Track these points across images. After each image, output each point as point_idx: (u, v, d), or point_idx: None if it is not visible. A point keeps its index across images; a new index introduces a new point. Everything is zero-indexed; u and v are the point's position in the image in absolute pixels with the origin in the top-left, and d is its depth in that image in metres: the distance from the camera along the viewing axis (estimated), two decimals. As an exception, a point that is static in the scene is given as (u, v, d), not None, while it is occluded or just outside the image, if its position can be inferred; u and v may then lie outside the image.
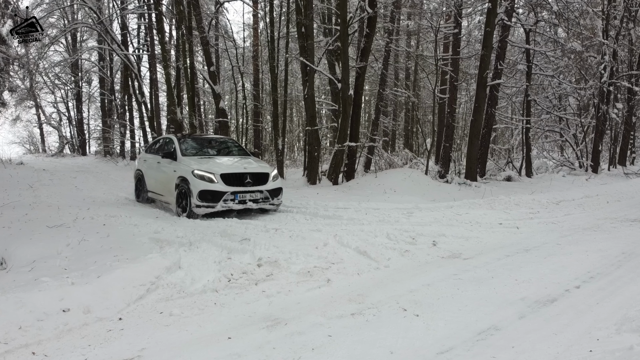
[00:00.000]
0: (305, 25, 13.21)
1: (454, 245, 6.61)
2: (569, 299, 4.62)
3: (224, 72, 25.67)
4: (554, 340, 3.68)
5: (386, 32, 18.76)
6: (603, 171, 19.85)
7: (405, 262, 5.80)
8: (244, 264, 5.30)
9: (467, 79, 22.09)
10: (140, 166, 10.79)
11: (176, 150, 9.50)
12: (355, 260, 5.70)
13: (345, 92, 13.27)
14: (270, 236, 6.64)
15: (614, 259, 6.17)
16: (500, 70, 16.02)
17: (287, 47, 16.28)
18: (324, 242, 6.18)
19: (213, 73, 14.69)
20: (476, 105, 14.77)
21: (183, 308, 4.23)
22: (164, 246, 5.86)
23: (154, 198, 10.21)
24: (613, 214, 9.68)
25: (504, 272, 5.49)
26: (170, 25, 21.33)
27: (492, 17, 14.16)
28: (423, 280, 5.10)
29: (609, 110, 19.07)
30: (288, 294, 4.65)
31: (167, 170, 9.38)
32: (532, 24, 16.81)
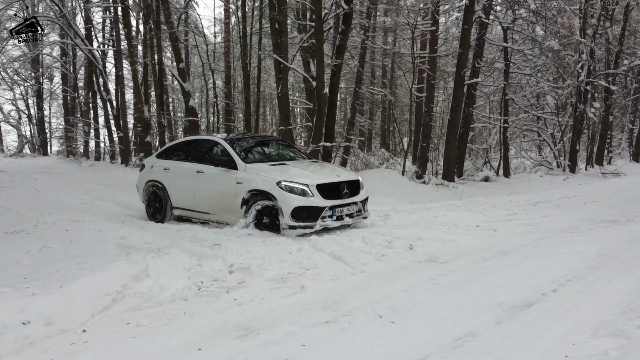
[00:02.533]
0: (279, 22, 13.19)
1: (432, 249, 6.70)
2: (546, 303, 4.73)
3: (194, 68, 25.48)
4: (531, 346, 3.76)
5: (362, 28, 18.87)
6: (580, 171, 20.30)
7: (381, 266, 5.86)
8: (215, 270, 5.29)
9: (445, 77, 22.36)
10: (157, 177, 8.95)
11: (232, 156, 7.96)
12: (330, 265, 5.74)
13: (320, 91, 13.30)
14: (242, 241, 6.63)
15: (591, 261, 6.32)
16: (478, 68, 16.26)
17: (260, 44, 16.24)
18: (298, 247, 6.21)
19: (182, 70, 14.58)
20: (454, 105, 14.97)
21: (151, 318, 4.20)
22: (131, 253, 5.80)
23: (187, 217, 8.70)
24: (590, 215, 9.92)
25: (481, 276, 5.58)
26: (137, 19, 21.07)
27: (470, 15, 14.37)
28: (400, 286, 5.15)
29: (586, 109, 19.52)
30: (261, 301, 4.65)
31: (223, 183, 7.87)
32: (509, 22, 17.10)
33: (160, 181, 8.87)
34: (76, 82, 27.09)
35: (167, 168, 8.85)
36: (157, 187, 8.91)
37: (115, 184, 13.90)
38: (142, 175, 9.32)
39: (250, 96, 16.19)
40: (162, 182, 8.83)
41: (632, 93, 26.71)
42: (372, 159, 22.54)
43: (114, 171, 16.59)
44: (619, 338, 3.76)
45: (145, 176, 9.20)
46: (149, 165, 9.30)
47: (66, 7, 19.75)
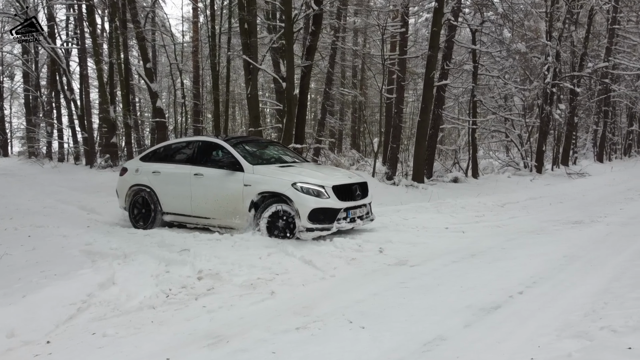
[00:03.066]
0: (248, 22, 13.13)
1: (401, 252, 6.78)
2: (513, 306, 4.84)
3: (162, 67, 25.17)
4: (498, 349, 3.85)
5: (332, 29, 18.95)
6: (547, 171, 20.80)
7: (351, 270, 5.90)
8: (183, 277, 5.25)
9: (415, 79, 22.61)
10: (145, 181, 8.54)
11: (237, 158, 7.77)
12: (300, 270, 5.75)
13: (290, 92, 13.30)
14: (211, 246, 6.59)
15: (556, 262, 6.49)
16: (447, 70, 16.49)
17: (229, 43, 16.15)
18: (268, 252, 6.20)
19: (150, 70, 14.39)
20: (423, 106, 15.15)
21: (118, 327, 4.14)
22: (96, 259, 5.70)
23: (180, 222, 8.39)
24: (556, 216, 10.19)
25: (450, 278, 5.68)
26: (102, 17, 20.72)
27: (439, 17, 14.56)
28: (370, 290, 5.20)
29: (552, 111, 19.99)
30: (230, 308, 4.63)
31: (228, 185, 7.65)
32: (478, 24, 17.40)
33: (148, 185, 8.48)
34: (38, 81, 26.48)
35: (156, 171, 8.46)
36: (145, 192, 8.51)
37: (79, 187, 13.63)
38: (124, 179, 8.84)
39: (219, 97, 16.08)
40: (150, 187, 8.46)
41: (596, 95, 27.47)
42: (343, 159, 22.64)
43: (78, 173, 16.27)
44: (583, 340, 3.88)
45: (129, 180, 8.74)
46: (133, 168, 8.83)
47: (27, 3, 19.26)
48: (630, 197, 13.29)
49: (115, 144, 17.15)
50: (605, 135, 29.33)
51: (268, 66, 18.64)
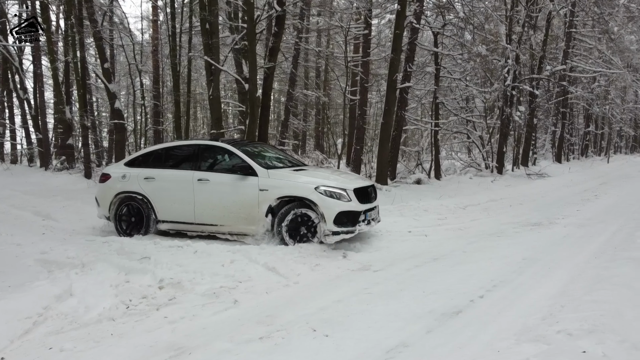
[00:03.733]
0: (209, 22, 13.03)
1: (365, 257, 6.86)
2: (474, 310, 4.96)
3: (121, 66, 24.71)
4: (459, 354, 3.95)
5: (295, 29, 18.98)
6: (507, 172, 21.29)
7: (315, 276, 5.94)
8: (144, 286, 5.19)
9: (378, 80, 22.83)
10: (135, 188, 8.11)
11: (248, 162, 7.59)
12: (264, 277, 5.75)
13: (253, 94, 13.25)
14: (173, 253, 6.51)
15: (516, 265, 6.68)
16: (409, 72, 16.71)
17: (190, 43, 15.96)
18: (230, 259, 6.17)
19: (107, 70, 14.10)
20: (386, 108, 15.30)
21: (76, 341, 4.07)
22: (53, 270, 5.56)
23: (178, 230, 8.09)
24: (516, 218, 10.47)
25: (413, 283, 5.78)
26: (57, 14, 20.16)
27: (402, 20, 14.73)
28: (333, 296, 5.25)
29: (512, 113, 20.49)
30: (193, 318, 4.61)
31: (241, 191, 7.47)
32: (439, 27, 17.69)
33: (139, 192, 8.07)
34: (-12, 80, 25.56)
35: (150, 177, 8.08)
36: (136, 200, 8.10)
37: (34, 190, 13.23)
38: (107, 186, 8.34)
39: (180, 97, 15.90)
40: (143, 194, 8.05)
41: (555, 97, 28.30)
42: (307, 161, 22.68)
43: (32, 176, 15.78)
44: (540, 344, 4.01)
45: (114, 187, 8.26)
46: (118, 174, 8.34)
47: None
48: (587, 198, 13.75)
49: (72, 145, 16.72)
50: (563, 136, 30.24)
51: (230, 65, 18.51)
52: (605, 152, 39.99)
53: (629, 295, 4.94)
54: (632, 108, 43.73)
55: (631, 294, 4.96)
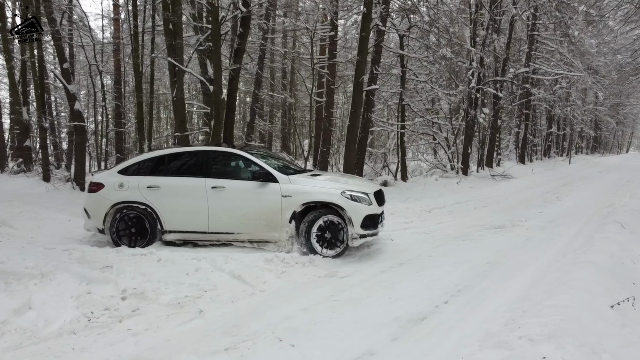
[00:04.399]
0: (173, 23, 12.88)
1: (332, 263, 6.90)
2: (439, 316, 5.07)
3: (81, 65, 24.17)
4: (424, 362, 4.04)
5: (261, 30, 18.93)
6: (472, 173, 21.68)
7: (281, 284, 5.95)
8: (106, 297, 5.11)
9: (345, 81, 22.96)
10: (137, 197, 7.69)
11: (266, 169, 7.62)
12: (229, 285, 5.74)
13: (218, 96, 13.17)
14: (136, 262, 6.43)
15: (480, 269, 6.84)
16: (376, 74, 16.85)
17: (152, 43, 15.71)
18: (195, 267, 6.14)
19: (67, 70, 13.78)
20: (353, 110, 15.40)
21: (35, 356, 4.00)
22: (10, 281, 5.42)
23: (188, 240, 7.83)
24: (480, 221, 10.69)
25: (379, 289, 5.86)
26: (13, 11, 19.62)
27: (367, 22, 14.85)
28: (300, 305, 5.28)
29: (477, 115, 20.88)
30: (157, 330, 4.57)
31: (262, 197, 7.44)
32: (405, 29, 17.90)
33: (142, 202, 7.68)
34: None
35: (154, 186, 7.70)
36: (137, 210, 7.70)
37: (-12, 195, 12.89)
38: (101, 196, 7.81)
39: (143, 100, 15.66)
40: (147, 203, 7.67)
41: (518, 99, 28.95)
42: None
43: (-13, 179, 15.34)
44: (503, 350, 4.13)
45: (109, 197, 7.77)
46: (114, 183, 7.83)
47: None
48: (549, 200, 14.14)
49: (29, 147, 16.28)
50: (526, 137, 30.95)
51: (195, 65, 18.33)
52: (567, 153, 41.10)
53: (587, 299, 5.11)
54: (592, 109, 45.11)
55: (589, 298, 5.13)
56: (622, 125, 66.92)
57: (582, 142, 51.40)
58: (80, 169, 14.02)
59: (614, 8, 18.31)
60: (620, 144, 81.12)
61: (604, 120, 54.22)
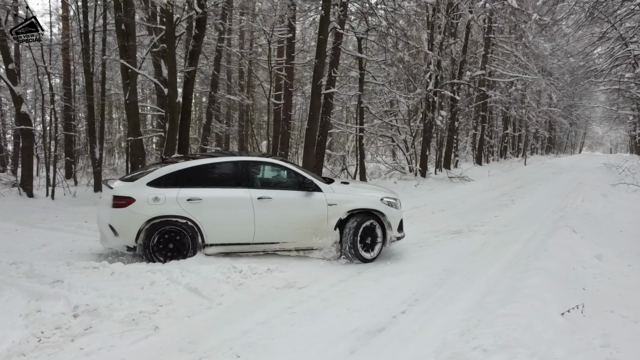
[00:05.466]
0: (126, 23, 12.69)
1: (290, 273, 6.93)
2: (396, 327, 5.20)
3: (27, 64, 23.45)
4: (381, 376, 4.14)
5: (217, 30, 18.79)
6: (430, 175, 22.11)
7: (239, 297, 5.97)
8: (57, 315, 5.01)
9: (303, 82, 23.06)
10: (175, 211, 7.28)
11: (309, 178, 7.96)
12: (186, 299, 5.71)
13: (173, 99, 13.03)
14: (88, 275, 6.31)
15: (437, 277, 7.03)
16: (334, 77, 17.00)
17: (104, 44, 15.37)
18: (150, 280, 6.07)
19: (13, 71, 13.34)
20: (311, 114, 15.51)
21: (-18, 381, 3.92)
22: (-48, 299, 5.27)
23: (231, 252, 7.70)
24: (438, 226, 10.94)
25: (337, 300, 5.95)
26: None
27: (325, 25, 14.98)
28: (258, 318, 5.31)
29: (434, 117, 21.31)
30: (111, 349, 4.52)
31: (309, 207, 7.78)
32: (363, 32, 18.12)
33: (183, 216, 7.33)
34: None
35: (194, 198, 7.39)
36: (176, 224, 7.32)
37: None
38: (132, 212, 7.23)
39: (94, 102, 15.34)
40: (188, 217, 7.34)
41: (475, 101, 29.68)
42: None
43: None
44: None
45: (143, 212, 7.23)
46: (147, 196, 7.29)
47: None
48: (504, 204, 14.57)
49: (-28, 151, 15.82)
50: (483, 139, 31.77)
51: (149, 64, 18.08)
52: (522, 154, 42.31)
53: (539, 307, 5.32)
54: (547, 111, 46.59)
55: (541, 306, 5.35)
56: (575, 126, 69.41)
57: (537, 142, 53.01)
58: (28, 174, 13.64)
59: (566, 14, 18.99)
60: (574, 144, 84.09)
61: (557, 122, 56.12)
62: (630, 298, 6.44)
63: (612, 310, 5.90)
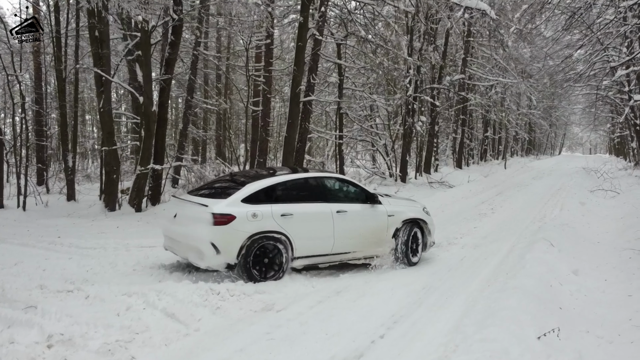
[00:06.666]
0: (99, 30, 12.60)
1: (267, 294, 6.94)
2: (375, 352, 5.27)
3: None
4: (359, 408, 4.23)
5: (194, 34, 18.75)
6: (410, 180, 22.33)
7: (217, 321, 5.99)
8: (30, 346, 4.97)
9: (282, 86, 23.10)
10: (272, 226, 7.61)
11: (370, 192, 8.97)
12: (162, 325, 5.70)
13: (149, 108, 13.02)
14: (62, 299, 6.29)
15: (416, 295, 7.14)
16: (313, 84, 17.08)
17: (76, 51, 15.19)
18: (126, 306, 6.06)
19: (-19, 79, 13.22)
20: (290, 121, 15.59)
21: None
22: None
23: (312, 264, 8.19)
24: (417, 239, 11.07)
25: (315, 323, 6.00)
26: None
27: (304, 32, 15.07)
28: (235, 345, 5.34)
29: (414, 123, 21.52)
30: (86, 382, 4.53)
31: (374, 218, 8.71)
32: (342, 37, 18.23)
33: (278, 231, 7.68)
34: None
35: (287, 214, 7.78)
36: (272, 239, 7.65)
37: None
38: (234, 229, 7.41)
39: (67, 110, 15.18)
40: (282, 232, 7.70)
41: (455, 104, 30.03)
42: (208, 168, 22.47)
43: None
44: (434, 391, 4.39)
45: (245, 229, 7.46)
46: (246, 213, 7.51)
47: None
48: (484, 213, 14.80)
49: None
50: (463, 142, 32.15)
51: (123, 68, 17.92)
52: (502, 156, 42.89)
53: (515, 330, 5.45)
54: (526, 113, 47.27)
55: (517, 330, 5.48)
56: (554, 128, 70.56)
57: (517, 145, 53.77)
58: (-1, 184, 13.48)
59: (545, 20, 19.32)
60: (553, 146, 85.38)
61: (537, 123, 56.97)
62: (605, 316, 6.63)
63: (587, 330, 6.07)
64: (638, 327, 6.09)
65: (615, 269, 8.89)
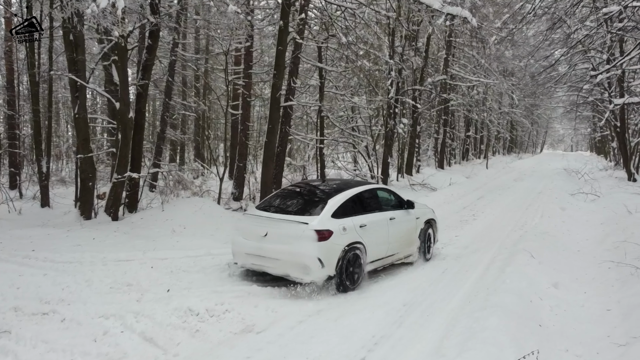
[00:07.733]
0: (75, 35, 12.44)
1: (246, 315, 6.91)
2: (356, 377, 5.35)
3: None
4: None
5: (171, 34, 18.62)
6: (392, 182, 22.46)
7: (196, 345, 5.98)
8: (4, 378, 4.98)
9: (262, 87, 23.06)
10: (355, 237, 8.41)
11: (404, 198, 10.21)
12: (141, 351, 5.68)
13: (125, 115, 12.90)
14: (37, 323, 6.22)
15: (396, 314, 7.21)
16: (294, 87, 17.06)
17: (50, 55, 14.97)
18: (104, 330, 6.02)
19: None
20: (270, 127, 15.53)
21: None
22: None
23: (375, 267, 9.18)
24: (398, 249, 11.16)
25: (296, 346, 6.03)
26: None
27: (284, 36, 15.02)
28: (214, 372, 5.37)
29: (396, 125, 21.64)
30: (63, 417, 4.52)
31: (409, 222, 9.94)
32: (323, 40, 18.25)
33: (359, 241, 8.55)
34: None
35: (363, 224, 8.73)
36: (355, 249, 8.45)
37: None
38: (333, 243, 8.08)
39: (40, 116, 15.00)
40: (361, 241, 8.58)
41: (436, 105, 30.24)
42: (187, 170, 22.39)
43: None
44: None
45: (340, 242, 8.20)
46: (339, 227, 8.22)
47: None
48: (465, 220, 14.97)
49: None
50: (445, 143, 32.41)
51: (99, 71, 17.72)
52: (484, 155, 43.30)
53: (494, 353, 5.55)
54: (508, 111, 47.77)
55: (497, 352, 5.58)
56: (536, 125, 71.36)
57: (498, 143, 54.31)
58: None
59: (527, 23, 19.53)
60: (535, 144, 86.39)
61: (519, 122, 57.58)
62: (584, 332, 6.79)
63: (567, 349, 6.22)
64: (616, 344, 6.25)
65: (594, 280, 9.09)
